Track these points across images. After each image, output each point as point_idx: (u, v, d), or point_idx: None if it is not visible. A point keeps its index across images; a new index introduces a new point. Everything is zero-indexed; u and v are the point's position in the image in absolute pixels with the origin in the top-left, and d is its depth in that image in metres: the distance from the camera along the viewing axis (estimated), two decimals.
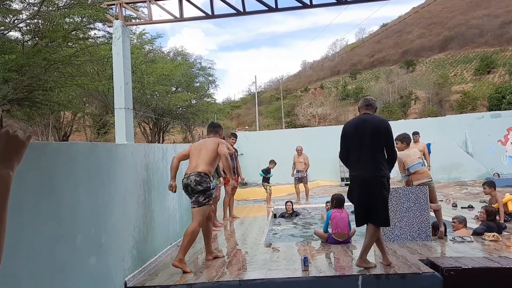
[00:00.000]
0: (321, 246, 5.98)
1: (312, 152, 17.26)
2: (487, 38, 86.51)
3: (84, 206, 3.50)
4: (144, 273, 4.67)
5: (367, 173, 4.44)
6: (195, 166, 4.98)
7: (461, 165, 16.58)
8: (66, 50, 13.47)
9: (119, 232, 4.18)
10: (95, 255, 3.60)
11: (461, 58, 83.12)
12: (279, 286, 4.25)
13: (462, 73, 73.00)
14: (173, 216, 6.31)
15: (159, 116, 25.10)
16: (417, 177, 6.18)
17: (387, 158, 4.52)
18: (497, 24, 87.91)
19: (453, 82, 63.78)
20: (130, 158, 4.62)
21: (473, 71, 70.24)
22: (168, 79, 23.19)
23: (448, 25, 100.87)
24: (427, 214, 5.98)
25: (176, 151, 6.73)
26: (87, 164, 3.62)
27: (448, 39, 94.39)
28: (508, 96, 27.85)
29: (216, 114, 33.54)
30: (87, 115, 26.60)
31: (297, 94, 74.31)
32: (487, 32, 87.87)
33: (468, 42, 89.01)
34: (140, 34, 22.21)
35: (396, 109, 47.70)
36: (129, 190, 4.49)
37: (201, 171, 4.91)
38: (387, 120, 4.85)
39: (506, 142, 17.06)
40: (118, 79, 5.00)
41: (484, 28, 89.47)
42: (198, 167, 4.94)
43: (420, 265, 4.54)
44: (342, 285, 4.28)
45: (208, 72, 30.52)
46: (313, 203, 11.58)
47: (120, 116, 4.96)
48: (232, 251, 5.86)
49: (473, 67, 72.05)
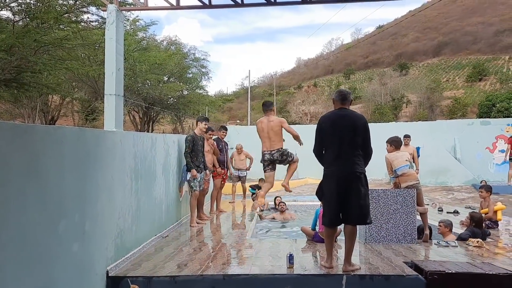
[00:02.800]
0: (307, 244, 5.97)
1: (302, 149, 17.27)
2: (481, 45, 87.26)
3: (69, 192, 3.42)
4: (127, 263, 4.61)
5: (345, 169, 4.35)
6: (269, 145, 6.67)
7: (449, 170, 16.70)
8: (58, 32, 13.22)
9: (104, 220, 4.11)
10: (78, 242, 3.53)
11: (454, 64, 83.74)
12: (263, 282, 4.23)
13: (454, 79, 73.57)
14: (159, 206, 6.24)
15: (150, 105, 24.90)
16: (405, 179, 6.18)
17: (363, 154, 4.44)
18: (491, 32, 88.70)
19: (445, 88, 64.25)
20: (118, 145, 4.54)
21: (465, 78, 70.83)
22: (161, 68, 22.96)
23: (443, 31, 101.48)
24: (413, 217, 5.99)
25: (166, 141, 6.67)
26: (74, 149, 3.54)
27: (442, 44, 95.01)
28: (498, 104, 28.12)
29: (208, 106, 33.39)
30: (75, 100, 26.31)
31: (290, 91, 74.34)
32: (480, 40, 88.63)
33: (461, 48, 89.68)
34: (134, 20, 21.94)
35: (388, 112, 47.95)
36: (116, 178, 4.42)
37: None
38: (364, 116, 4.77)
39: (494, 149, 17.23)
40: (110, 65, 4.91)
41: (478, 36, 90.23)
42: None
43: (404, 267, 4.54)
44: (326, 284, 4.26)
45: (201, 64, 30.35)
46: (301, 200, 11.57)
47: (110, 103, 4.88)
48: (218, 245, 5.82)
49: (465, 74, 72.65)
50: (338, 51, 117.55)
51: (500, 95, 31.46)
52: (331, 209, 4.46)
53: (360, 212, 4.37)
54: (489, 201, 7.41)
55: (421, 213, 6.24)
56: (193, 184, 7.17)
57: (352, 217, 4.39)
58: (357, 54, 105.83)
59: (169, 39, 29.93)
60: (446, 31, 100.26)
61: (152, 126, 29.10)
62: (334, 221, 4.50)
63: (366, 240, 5.93)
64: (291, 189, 7.65)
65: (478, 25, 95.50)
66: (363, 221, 4.47)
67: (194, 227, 7.13)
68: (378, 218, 5.88)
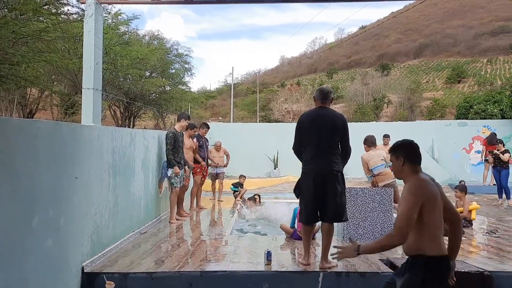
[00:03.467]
0: (285, 241, 6.00)
1: (284, 147, 17.36)
2: (460, 48, 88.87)
3: (44, 187, 3.37)
4: (103, 259, 4.57)
5: (324, 168, 4.38)
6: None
7: (427, 170, 16.41)
8: (37, 24, 12.96)
9: (80, 215, 4.06)
10: (52, 238, 3.48)
11: (434, 65, 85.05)
12: (240, 279, 4.24)
13: (434, 81, 74.72)
14: (138, 202, 6.19)
15: (131, 100, 24.62)
16: (381, 179, 6.27)
17: (341, 153, 4.49)
18: (470, 35, 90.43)
19: (425, 89, 65.19)
20: (96, 140, 4.49)
21: (444, 79, 71.98)
22: (143, 63, 22.69)
23: (424, 33, 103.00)
24: (390, 215, 6.08)
25: (146, 136, 6.61)
26: (50, 143, 3.49)
27: (423, 46, 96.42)
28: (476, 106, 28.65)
29: (190, 102, 33.20)
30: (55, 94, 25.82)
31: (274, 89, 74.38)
32: (460, 42, 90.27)
33: (442, 50, 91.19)
34: (116, 14, 21.63)
35: (369, 111, 48.41)
36: (93, 173, 4.36)
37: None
38: (343, 115, 4.81)
39: (471, 150, 17.57)
40: (88, 58, 4.84)
41: (458, 38, 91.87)
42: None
43: (380, 265, 4.61)
44: (303, 281, 4.30)
45: (184, 60, 30.09)
46: (282, 198, 11.61)
47: (88, 97, 4.81)
48: (196, 242, 5.81)
49: (444, 76, 73.83)
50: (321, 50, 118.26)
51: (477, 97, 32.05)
52: (308, 207, 4.50)
53: (336, 210, 4.42)
54: (464, 200, 7.56)
55: None
56: (174, 180, 7.13)
57: (329, 214, 4.44)
58: (340, 54, 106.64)
59: (151, 33, 29.61)
60: (427, 33, 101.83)
61: (133, 122, 28.80)
62: (311, 219, 4.54)
63: (344, 237, 5.99)
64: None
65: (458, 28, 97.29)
66: (339, 218, 4.53)
67: (174, 223, 7.10)
68: (356, 216, 5.95)
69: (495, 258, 5.16)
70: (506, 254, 5.45)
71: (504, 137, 15.61)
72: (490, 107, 27.30)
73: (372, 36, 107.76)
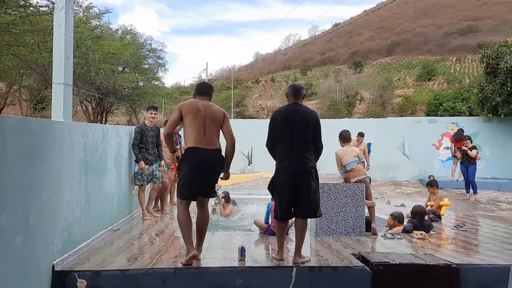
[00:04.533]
0: (259, 236, 6.04)
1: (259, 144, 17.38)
2: (430, 46, 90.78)
3: (12, 184, 3.29)
4: (74, 257, 4.49)
5: (298, 164, 4.42)
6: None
7: (398, 166, 17.34)
8: (4, 17, 12.57)
9: (50, 213, 3.98)
10: (21, 236, 3.40)
11: (405, 63, 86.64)
12: (214, 275, 4.24)
13: (405, 78, 76.13)
14: (110, 199, 6.11)
15: (103, 95, 24.17)
16: (354, 175, 6.36)
17: (314, 150, 4.53)
18: (440, 34, 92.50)
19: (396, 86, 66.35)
20: (66, 136, 4.40)
21: (415, 77, 73.44)
22: (115, 58, 22.32)
23: (396, 31, 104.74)
24: (362, 210, 6.20)
25: (118, 132, 6.52)
26: (18, 139, 3.40)
27: (394, 44, 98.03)
28: (445, 103, 29.40)
29: (164, 98, 32.87)
30: (24, 88, 25.12)
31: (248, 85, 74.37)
32: (430, 41, 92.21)
33: (412, 49, 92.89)
34: (87, 7, 21.20)
35: (342, 108, 48.97)
36: (63, 169, 4.28)
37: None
38: (315, 112, 4.86)
39: (440, 146, 18.05)
40: (58, 53, 4.72)
41: (428, 37, 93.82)
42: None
43: (352, 259, 4.70)
44: (277, 276, 4.34)
45: (158, 55, 29.78)
46: (256, 194, 11.66)
47: (58, 92, 4.70)
48: (170, 238, 5.78)
49: (415, 73, 75.32)
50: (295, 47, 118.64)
51: (447, 94, 32.94)
52: (282, 203, 4.53)
53: (310, 205, 4.47)
54: (437, 195, 7.79)
55: (369, 207, 6.46)
56: (140, 177, 7.02)
57: (303, 210, 4.49)
58: (314, 51, 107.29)
59: (124, 28, 29.15)
60: (398, 32, 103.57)
61: (105, 117, 28.30)
62: (286, 215, 4.58)
63: (317, 233, 6.08)
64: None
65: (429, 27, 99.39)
66: (313, 214, 4.59)
67: (147, 220, 7.03)
68: (329, 212, 6.04)
69: (462, 251, 5.34)
70: (472, 247, 5.65)
71: (472, 133, 16.08)
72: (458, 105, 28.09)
73: (345, 33, 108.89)
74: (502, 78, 15.95)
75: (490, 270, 4.49)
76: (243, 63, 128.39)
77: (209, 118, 4.40)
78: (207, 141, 4.34)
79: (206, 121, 4.37)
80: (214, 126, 4.42)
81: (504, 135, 17.44)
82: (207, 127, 4.36)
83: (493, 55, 16.61)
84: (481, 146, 16.79)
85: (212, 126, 4.39)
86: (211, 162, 4.38)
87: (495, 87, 16.35)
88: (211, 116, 4.42)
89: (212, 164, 4.38)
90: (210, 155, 4.36)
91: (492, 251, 5.32)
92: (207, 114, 4.39)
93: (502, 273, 4.09)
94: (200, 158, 4.30)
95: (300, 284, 4.27)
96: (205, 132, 4.34)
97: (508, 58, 15.65)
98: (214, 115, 4.44)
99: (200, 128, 4.33)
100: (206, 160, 4.33)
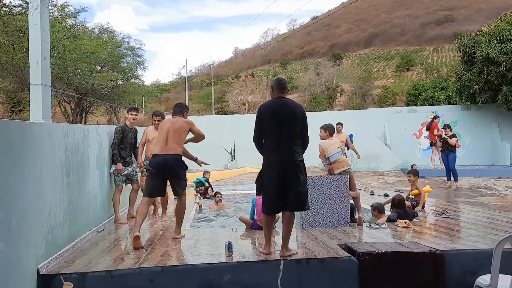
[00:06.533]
0: (245, 232, 6.05)
1: (240, 139, 17.40)
2: (408, 37, 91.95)
3: None
4: (59, 260, 4.43)
5: (286, 157, 4.43)
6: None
7: (380, 156, 17.55)
8: None
9: (32, 216, 3.90)
10: (3, 241, 3.34)
11: (384, 55, 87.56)
12: (202, 271, 4.23)
13: (384, 69, 76.97)
14: (94, 200, 6.03)
15: (82, 95, 23.80)
16: (337, 166, 6.41)
17: (301, 142, 4.56)
18: (417, 25, 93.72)
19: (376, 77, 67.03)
20: (46, 138, 4.32)
21: (394, 68, 74.29)
22: (93, 57, 21.97)
23: (373, 22, 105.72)
24: (346, 201, 6.26)
25: (99, 132, 6.43)
26: None
27: (373, 35, 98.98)
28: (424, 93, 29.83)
29: (144, 96, 32.55)
30: None
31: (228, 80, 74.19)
32: (408, 32, 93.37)
33: (390, 40, 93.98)
34: (62, 6, 20.78)
35: (323, 101, 49.28)
36: (44, 172, 4.21)
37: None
38: (302, 105, 4.89)
39: (420, 136, 18.33)
40: (34, 53, 4.62)
41: (406, 28, 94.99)
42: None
43: (338, 250, 4.74)
44: (264, 269, 4.35)
45: (136, 53, 29.38)
46: (240, 189, 11.67)
47: (36, 93, 4.60)
48: (156, 237, 5.74)
49: (394, 64, 76.19)
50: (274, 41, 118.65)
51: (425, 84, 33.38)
52: (270, 197, 4.53)
53: (299, 199, 4.49)
54: (417, 184, 7.92)
55: (354, 197, 6.53)
56: (117, 178, 6.86)
57: (291, 203, 4.50)
58: (293, 45, 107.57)
59: (101, 26, 28.67)
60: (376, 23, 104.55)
61: (85, 118, 27.87)
62: (274, 209, 4.59)
63: (303, 225, 6.11)
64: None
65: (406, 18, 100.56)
66: (301, 207, 4.61)
67: (122, 223, 6.74)
68: (314, 204, 6.07)
69: (445, 237, 5.44)
70: (455, 233, 5.76)
71: (451, 121, 16.40)
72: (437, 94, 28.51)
73: (324, 26, 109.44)
74: (479, 66, 16.27)
75: (473, 255, 4.59)
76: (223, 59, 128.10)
77: (172, 130, 5.43)
78: (167, 149, 5.36)
79: (169, 132, 5.42)
80: (178, 135, 5.44)
81: (482, 122, 17.81)
82: (169, 137, 5.40)
83: (469, 44, 16.92)
84: (461, 134, 17.12)
85: (175, 135, 5.41)
86: (168, 164, 5.34)
87: (472, 75, 16.67)
88: (174, 128, 5.45)
89: (169, 165, 5.34)
90: (167, 158, 5.32)
91: (474, 236, 5.43)
92: (171, 128, 5.45)
93: (485, 257, 4.17)
94: (158, 161, 5.33)
95: (288, 277, 4.30)
96: (167, 142, 5.38)
97: (484, 46, 15.95)
98: (178, 127, 5.49)
99: (163, 140, 5.41)
100: (163, 163, 5.33)
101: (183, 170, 5.50)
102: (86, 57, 20.85)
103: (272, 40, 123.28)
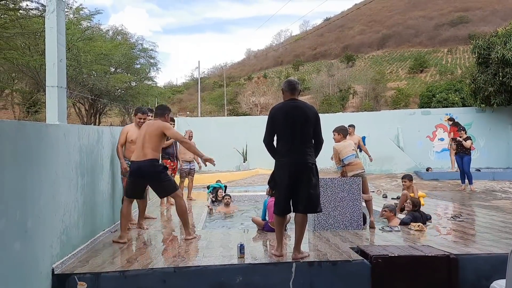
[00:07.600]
0: (257, 233, 6.05)
1: (253, 141, 17.43)
2: (422, 38, 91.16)
3: (9, 189, 3.27)
4: (73, 260, 4.48)
5: (297, 160, 4.42)
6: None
7: (393, 158, 17.41)
8: None
9: (48, 216, 3.96)
10: (19, 241, 3.39)
11: (397, 56, 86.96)
12: (214, 273, 4.25)
13: (397, 71, 76.45)
14: (107, 201, 6.09)
15: (96, 97, 24.06)
16: (351, 168, 6.39)
17: (315, 144, 4.55)
18: (431, 26, 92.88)
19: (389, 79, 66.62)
20: (62, 139, 4.38)
21: (407, 69, 73.77)
22: (107, 59, 22.22)
23: (387, 24, 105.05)
24: (359, 204, 6.23)
25: (113, 133, 6.50)
26: (14, 144, 3.38)
27: (386, 37, 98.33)
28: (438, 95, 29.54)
29: (157, 98, 32.77)
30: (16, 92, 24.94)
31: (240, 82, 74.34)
32: (422, 33, 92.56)
33: (404, 41, 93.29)
34: (77, 9, 21.07)
35: (335, 102, 49.16)
36: (60, 173, 4.26)
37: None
38: (314, 107, 4.88)
39: (434, 138, 18.14)
40: (51, 56, 4.70)
41: (420, 29, 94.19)
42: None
43: (350, 253, 4.72)
44: (276, 272, 4.35)
45: (149, 54, 29.68)
46: (252, 191, 11.67)
47: (52, 95, 4.68)
48: (168, 238, 5.78)
49: (407, 66, 75.65)
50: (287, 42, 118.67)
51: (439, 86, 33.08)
52: (282, 199, 4.54)
53: (310, 201, 4.48)
54: (413, 188, 7.99)
55: (366, 200, 6.49)
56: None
57: (303, 205, 4.49)
58: (306, 46, 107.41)
59: (115, 28, 29.03)
60: (389, 24, 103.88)
61: (99, 119, 28.18)
62: (285, 210, 4.60)
63: (315, 227, 6.10)
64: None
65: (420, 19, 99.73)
66: (313, 209, 4.59)
67: (134, 224, 6.48)
68: (326, 206, 6.06)
69: (459, 241, 5.39)
70: (470, 237, 5.69)
71: (466, 124, 16.18)
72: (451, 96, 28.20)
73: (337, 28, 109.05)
74: (494, 68, 16.05)
75: (488, 259, 4.53)
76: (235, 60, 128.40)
77: (148, 135, 5.38)
78: (143, 155, 5.34)
79: (145, 137, 5.39)
80: (153, 139, 5.37)
81: (497, 125, 17.55)
82: (145, 142, 5.36)
83: (484, 46, 16.69)
84: (475, 136, 16.90)
85: (150, 140, 5.36)
86: (143, 170, 5.34)
87: (487, 77, 16.44)
88: (149, 132, 5.40)
89: (144, 171, 5.34)
90: (141, 165, 5.32)
91: (489, 240, 5.36)
92: (147, 132, 5.42)
93: (500, 262, 4.12)
94: (134, 169, 5.40)
95: (300, 279, 4.29)
96: (143, 147, 5.36)
97: (499, 48, 15.74)
98: (153, 131, 5.40)
99: (140, 146, 5.41)
100: (138, 170, 5.36)
101: (162, 173, 5.43)
102: (101, 58, 21.09)
103: (284, 42, 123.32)
